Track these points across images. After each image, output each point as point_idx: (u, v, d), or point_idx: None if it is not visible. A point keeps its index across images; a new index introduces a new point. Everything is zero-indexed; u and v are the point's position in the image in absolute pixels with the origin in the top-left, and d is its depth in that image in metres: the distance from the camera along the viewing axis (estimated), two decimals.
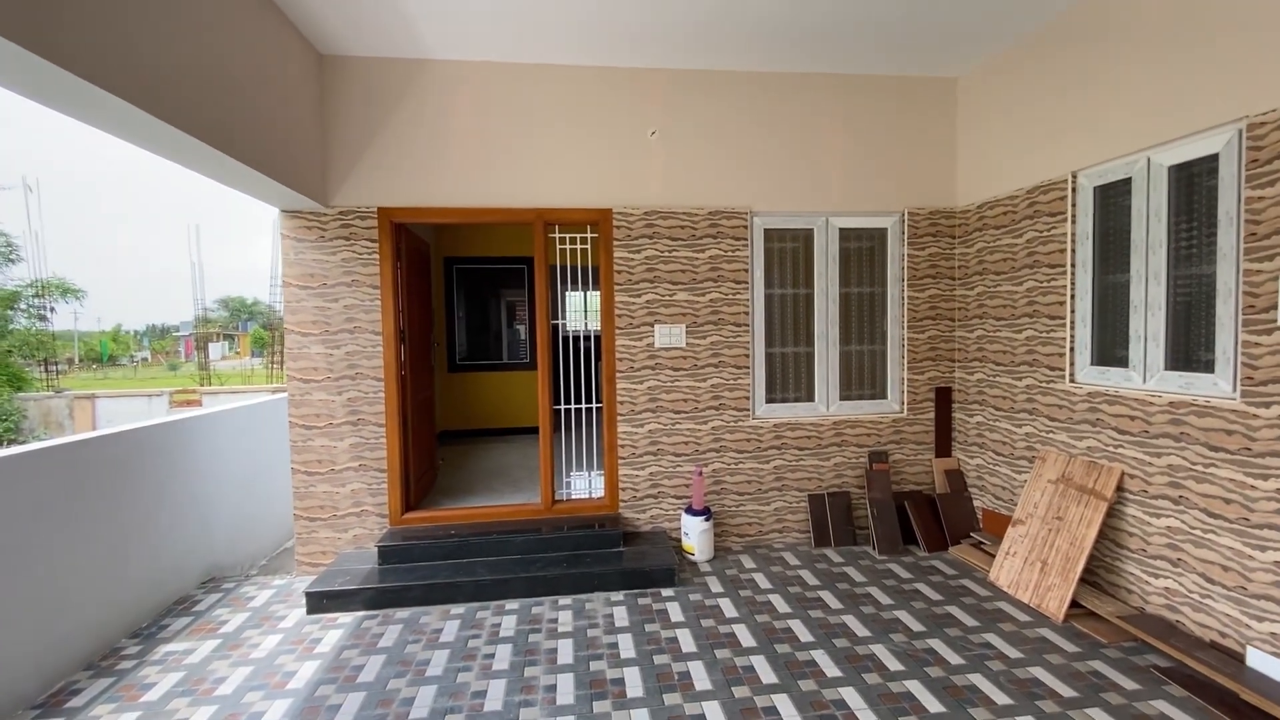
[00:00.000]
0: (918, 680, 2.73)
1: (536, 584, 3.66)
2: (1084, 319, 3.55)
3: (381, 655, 3.04)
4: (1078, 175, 3.55)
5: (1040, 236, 3.80)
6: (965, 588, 3.66)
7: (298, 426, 4.02)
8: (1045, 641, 3.02)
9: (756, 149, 4.35)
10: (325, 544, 4.08)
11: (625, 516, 4.34)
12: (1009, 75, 4.03)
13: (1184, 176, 3.01)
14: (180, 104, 2.47)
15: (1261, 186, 2.60)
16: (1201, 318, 2.93)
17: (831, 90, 4.40)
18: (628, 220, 4.24)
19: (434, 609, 3.53)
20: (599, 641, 3.13)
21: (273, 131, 3.28)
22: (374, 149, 4.01)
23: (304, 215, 3.97)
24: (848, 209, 4.47)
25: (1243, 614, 2.69)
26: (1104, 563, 3.38)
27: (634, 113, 4.23)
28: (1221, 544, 2.77)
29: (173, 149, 2.71)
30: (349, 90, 3.98)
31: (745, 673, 2.82)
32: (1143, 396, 3.15)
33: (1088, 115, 3.45)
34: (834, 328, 4.52)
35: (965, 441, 4.56)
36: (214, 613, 3.56)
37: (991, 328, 4.25)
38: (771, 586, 3.75)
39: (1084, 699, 2.56)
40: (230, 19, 2.89)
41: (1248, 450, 2.66)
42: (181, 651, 3.12)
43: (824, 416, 4.51)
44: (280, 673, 2.91)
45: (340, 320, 4.02)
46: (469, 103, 4.09)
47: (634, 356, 4.29)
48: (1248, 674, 2.59)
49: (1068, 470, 3.57)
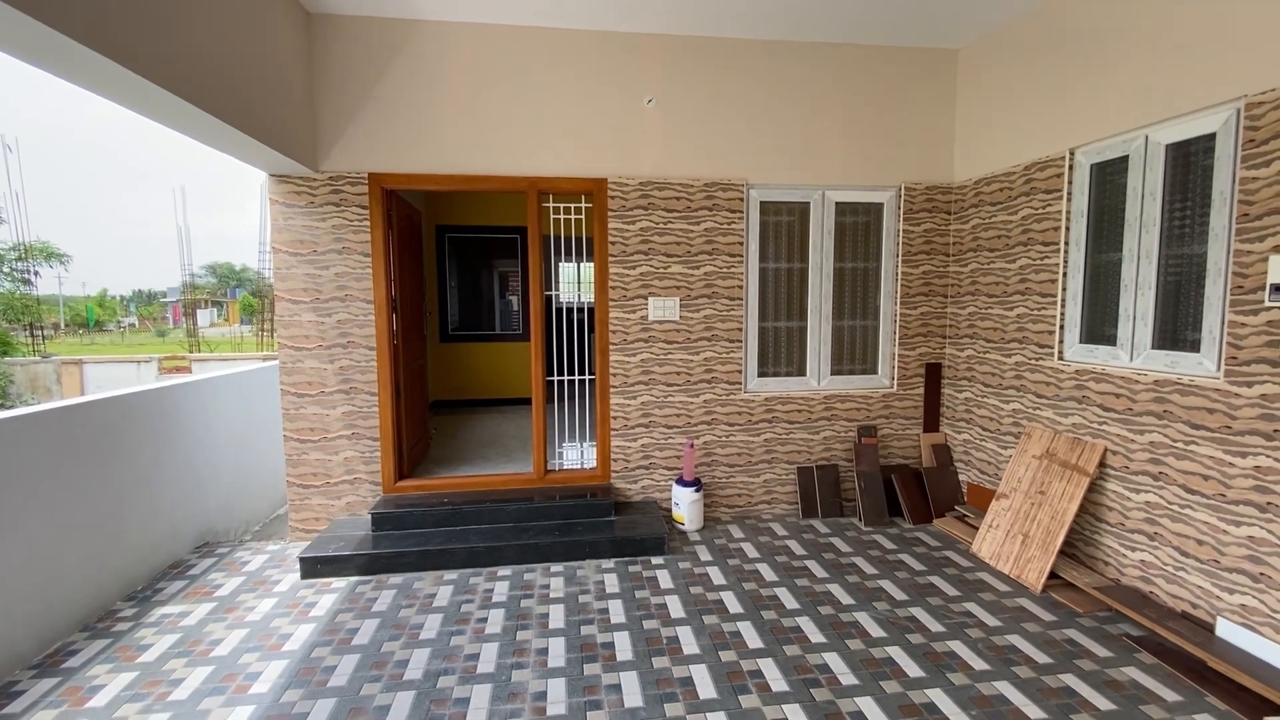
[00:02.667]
0: (899, 646, 2.81)
1: (529, 551, 3.72)
2: (1075, 297, 3.57)
3: (375, 619, 3.10)
4: (1075, 152, 3.54)
5: (1035, 214, 3.80)
6: (948, 559, 3.75)
7: (290, 394, 4.02)
8: (1023, 611, 3.11)
9: (754, 120, 4.29)
10: (318, 510, 4.11)
11: (617, 487, 4.39)
12: (1010, 48, 3.98)
13: (1180, 155, 3.00)
14: (159, 60, 2.39)
15: (1256, 167, 2.60)
16: (1190, 297, 2.96)
17: (831, 61, 4.33)
18: (623, 191, 4.20)
19: (427, 575, 3.58)
20: (590, 607, 3.20)
21: (258, 92, 3.20)
22: (364, 113, 3.93)
23: (293, 180, 3.90)
24: (845, 183, 4.44)
25: (1214, 586, 2.78)
26: (1083, 536, 3.47)
27: (631, 80, 4.15)
28: (1198, 519, 2.85)
29: (152, 106, 2.63)
30: (339, 51, 3.88)
31: (732, 638, 2.90)
32: (1129, 374, 3.19)
33: (1088, 91, 3.42)
34: (827, 303, 4.53)
35: (953, 417, 4.62)
36: (209, 576, 3.60)
37: (983, 304, 4.27)
38: (759, 556, 3.82)
39: (1058, 665, 2.65)
40: None
41: (1228, 428, 2.72)
42: (177, 614, 3.16)
43: (815, 391, 4.55)
44: (276, 635, 2.96)
45: (331, 288, 3.99)
46: (463, 66, 4.00)
47: (628, 329, 4.29)
48: (1217, 643, 2.68)
49: (1052, 446, 3.63)
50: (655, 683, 2.55)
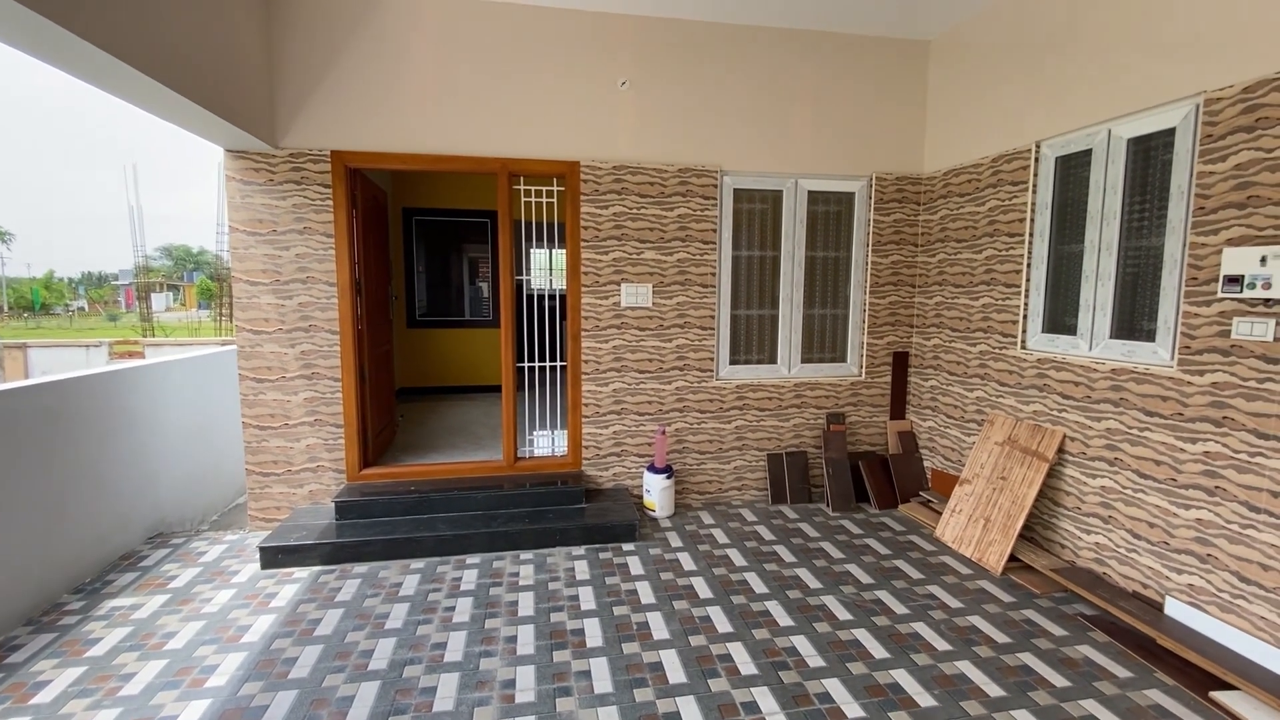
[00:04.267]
0: (865, 629, 2.86)
1: (498, 539, 3.68)
2: (1038, 287, 3.65)
3: (339, 609, 3.02)
4: (1041, 145, 3.60)
5: (1002, 205, 3.86)
6: (913, 543, 3.83)
7: (248, 379, 3.88)
8: (984, 593, 3.20)
9: (729, 106, 4.27)
10: (279, 499, 3.99)
11: (588, 474, 4.37)
12: (979, 40, 4.02)
13: (1141, 150, 3.08)
14: (104, 24, 2.25)
15: (1213, 162, 2.68)
16: (1148, 288, 3.04)
17: (805, 49, 4.32)
18: (596, 174, 4.14)
19: (393, 564, 3.51)
20: (560, 594, 3.18)
21: (212, 62, 3.04)
22: (327, 88, 3.78)
23: (251, 156, 3.74)
24: (817, 171, 4.45)
25: (1164, 567, 2.89)
26: (1042, 520, 3.57)
27: (604, 60, 4.08)
28: (1149, 502, 2.95)
29: (98, 73, 2.48)
30: (300, 22, 3.72)
31: (702, 622, 2.91)
32: (1087, 363, 3.28)
33: (1054, 85, 3.47)
34: (799, 291, 4.55)
35: (919, 405, 4.71)
36: (162, 568, 3.46)
37: (950, 294, 4.34)
38: (729, 541, 3.85)
39: (1016, 644, 2.73)
40: None
41: (1180, 415, 2.81)
42: (128, 607, 3.04)
43: (785, 378, 4.58)
44: (234, 626, 2.87)
45: (292, 269, 3.85)
46: (430, 42, 3.87)
47: (600, 315, 4.25)
48: (1165, 621, 2.79)
49: (1014, 433, 3.72)
50: (625, 668, 2.55)
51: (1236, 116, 2.59)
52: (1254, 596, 2.53)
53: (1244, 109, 2.56)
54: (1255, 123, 2.52)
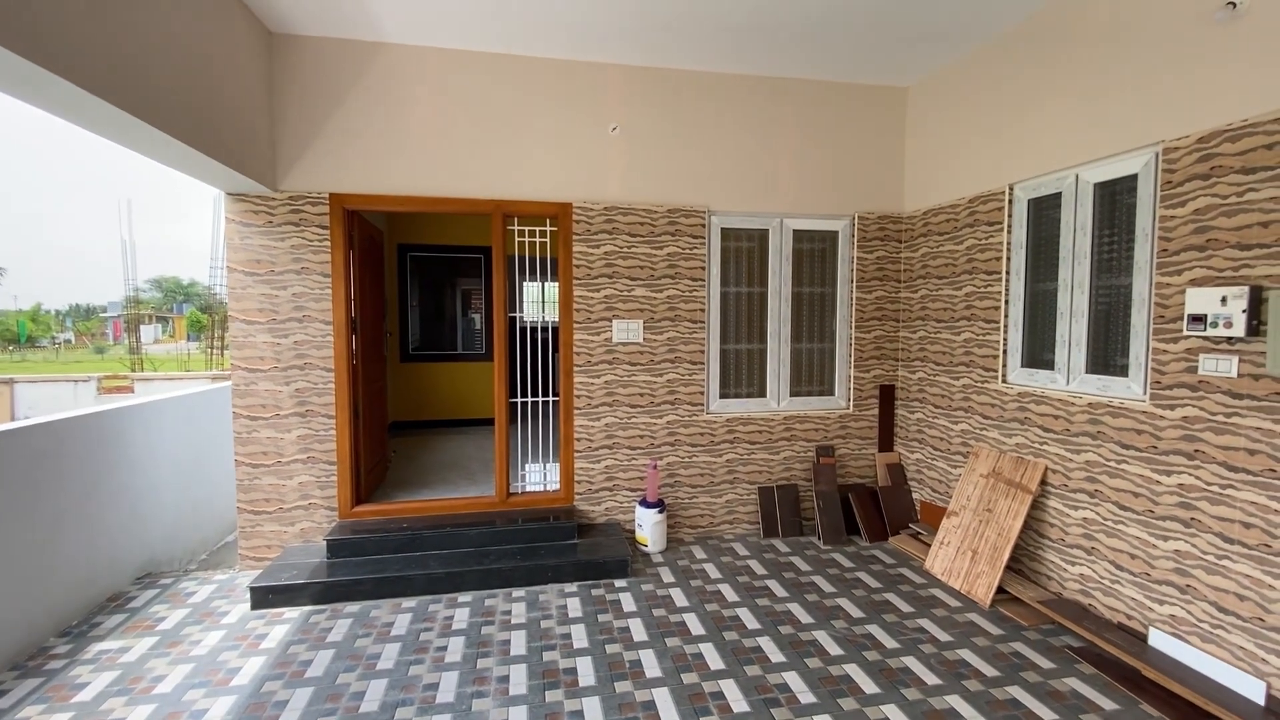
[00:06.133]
0: (856, 664, 2.88)
1: (490, 576, 3.68)
2: (1016, 324, 3.78)
3: (330, 650, 3.01)
4: (1014, 187, 3.76)
5: (979, 244, 4.01)
6: (903, 576, 3.86)
7: (242, 417, 3.90)
8: (973, 625, 3.23)
9: (715, 149, 4.43)
10: (270, 538, 3.98)
11: (580, 509, 4.39)
12: (954, 88, 4.22)
13: (1108, 194, 3.23)
14: (103, 72, 2.31)
15: (1173, 206, 2.82)
16: (1119, 325, 3.17)
17: (789, 94, 4.51)
18: (588, 215, 4.26)
19: (384, 603, 3.50)
20: (552, 632, 3.18)
21: (215, 110, 3.15)
22: (327, 133, 3.90)
23: (250, 199, 3.84)
24: (802, 211, 4.61)
25: (1146, 598, 2.94)
26: (1028, 551, 3.63)
27: (596, 107, 4.24)
28: (1130, 534, 3.02)
29: (97, 122, 2.55)
30: (301, 71, 3.86)
31: (694, 660, 2.92)
32: (1065, 397, 3.38)
33: (1026, 131, 3.65)
34: (786, 326, 4.66)
35: (906, 437, 4.78)
36: (151, 609, 3.44)
37: (932, 329, 4.46)
38: (721, 576, 3.86)
39: (1005, 678, 2.76)
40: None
41: (1154, 448, 2.90)
42: (116, 650, 3.01)
43: (775, 412, 4.66)
44: (224, 669, 2.85)
45: (289, 309, 3.91)
46: (428, 90, 4.02)
47: (592, 351, 4.32)
48: (1150, 653, 2.84)
49: (998, 465, 3.80)
50: (618, 708, 2.55)
51: (1193, 165, 2.74)
52: (1232, 627, 2.59)
53: (1199, 157, 2.71)
54: (1210, 170, 2.67)
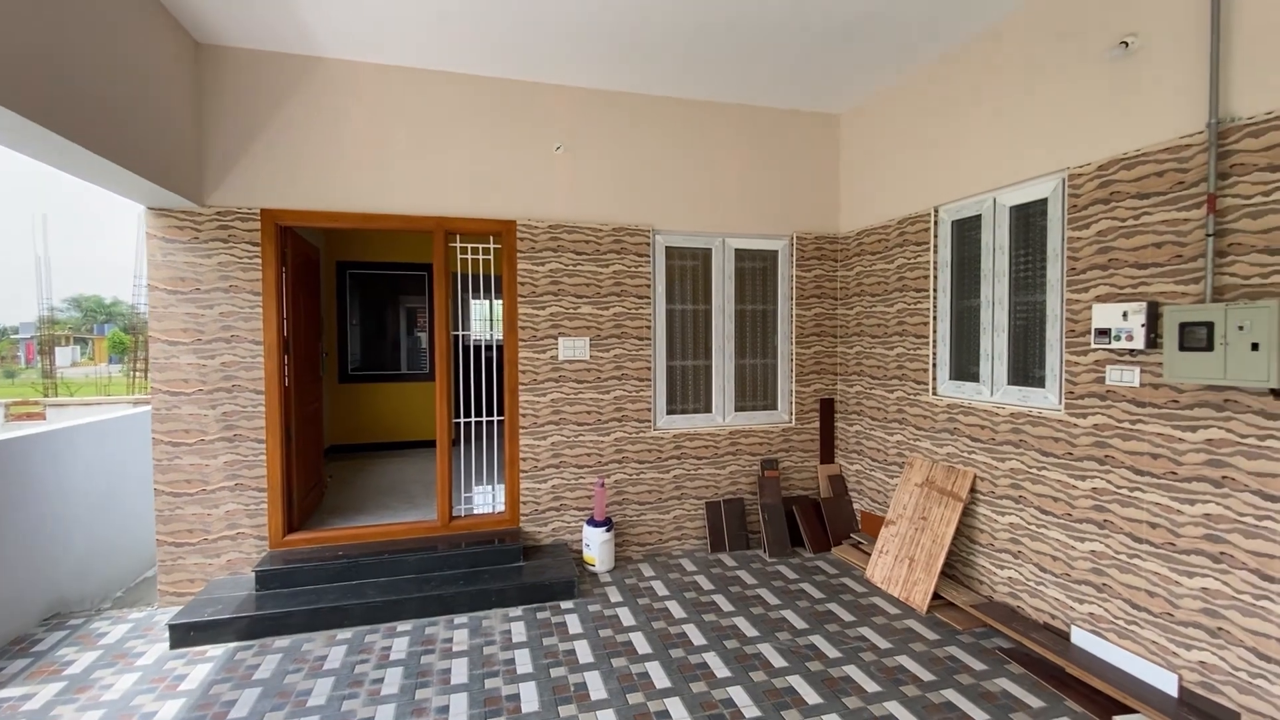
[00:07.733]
0: (799, 675, 2.92)
1: (431, 603, 3.56)
2: (944, 338, 3.96)
3: (257, 688, 2.84)
4: (939, 210, 3.97)
5: (909, 263, 4.20)
6: (845, 585, 3.95)
7: (163, 443, 3.68)
8: (911, 632, 3.32)
9: (660, 170, 4.51)
10: (193, 571, 3.75)
11: (526, 530, 4.31)
12: (882, 115, 4.44)
13: (1022, 216, 3.45)
14: (16, 83, 2.22)
15: (1080, 228, 3.04)
16: (1036, 339, 3.36)
17: (729, 119, 4.65)
18: (532, 233, 4.25)
19: (318, 635, 3.34)
20: (495, 658, 3.10)
21: (134, 121, 3.01)
22: (258, 147, 3.78)
23: (175, 214, 3.67)
24: (743, 231, 4.73)
25: (1068, 597, 3.10)
26: (961, 557, 3.77)
27: (540, 127, 4.26)
28: (1051, 537, 3.18)
29: (7, 134, 2.42)
30: (232, 84, 3.73)
31: (640, 679, 2.89)
32: (990, 408, 3.56)
33: (947, 157, 3.87)
34: (730, 342, 4.75)
35: (846, 449, 4.92)
36: (58, 652, 3.17)
37: (868, 344, 4.63)
38: (669, 593, 3.86)
39: (940, 681, 2.85)
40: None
41: (1070, 455, 3.08)
42: (18, 697, 2.76)
43: (721, 427, 4.72)
44: (137, 715, 2.65)
45: (215, 328, 3.73)
46: (366, 105, 3.95)
47: (537, 369, 4.29)
48: (1072, 650, 2.98)
49: (931, 474, 3.95)
50: None
51: (1095, 190, 2.96)
52: (1145, 622, 2.75)
53: (1100, 184, 2.93)
54: (1110, 195, 2.89)
